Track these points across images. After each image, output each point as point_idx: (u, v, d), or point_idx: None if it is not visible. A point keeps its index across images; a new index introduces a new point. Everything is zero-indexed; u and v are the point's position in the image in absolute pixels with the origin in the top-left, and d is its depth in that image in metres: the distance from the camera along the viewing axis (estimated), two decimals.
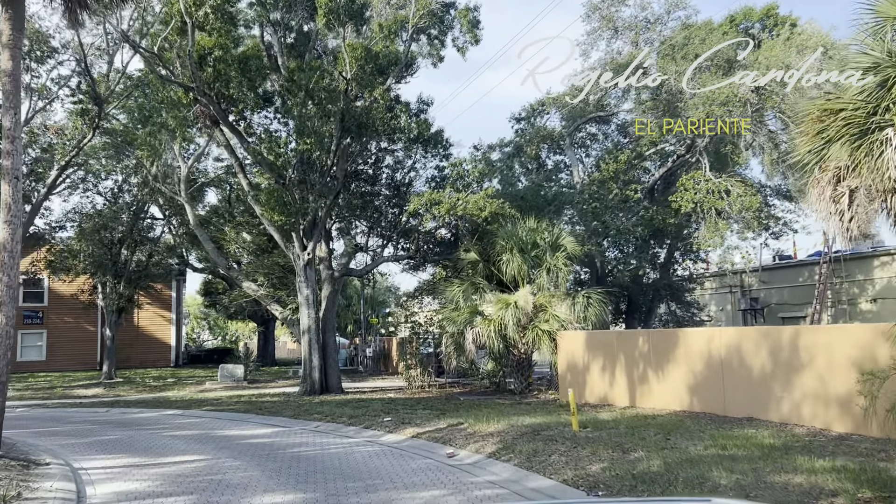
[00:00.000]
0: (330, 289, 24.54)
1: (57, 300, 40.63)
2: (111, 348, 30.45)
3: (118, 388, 26.93)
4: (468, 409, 16.65)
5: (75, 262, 30.37)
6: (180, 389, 26.15)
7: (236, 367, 27.38)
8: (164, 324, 43.41)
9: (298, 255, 23.06)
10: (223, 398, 22.32)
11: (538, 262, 20.14)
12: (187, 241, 33.51)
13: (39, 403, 22.25)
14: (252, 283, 29.31)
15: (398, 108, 21.93)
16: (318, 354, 22.93)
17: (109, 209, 30.54)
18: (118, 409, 20.16)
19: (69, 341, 40.67)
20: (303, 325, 23.14)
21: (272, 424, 15.67)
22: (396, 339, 32.40)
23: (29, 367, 39.49)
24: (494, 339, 18.79)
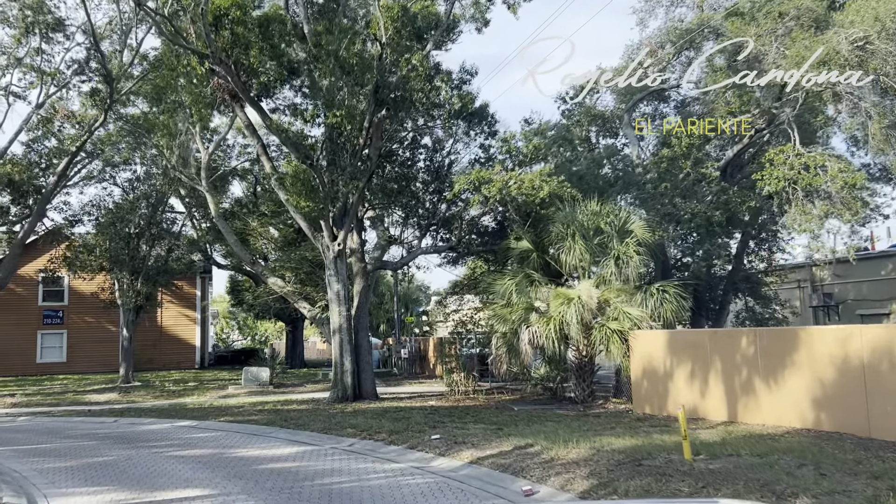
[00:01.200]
0: (362, 284, 22.08)
1: (77, 299, 38.83)
2: (128, 350, 28.37)
3: (134, 393, 24.80)
4: (528, 423, 14.05)
5: (91, 257, 28.34)
6: (200, 395, 23.92)
7: (261, 369, 25.09)
8: (189, 324, 41.43)
9: (328, 247, 20.65)
10: (245, 406, 19.99)
11: (602, 250, 17.45)
12: (211, 236, 31.37)
13: (45, 412, 20.13)
14: (278, 279, 27.03)
15: (439, 77, 19.36)
16: (350, 356, 20.50)
17: (126, 200, 28.45)
18: (128, 418, 17.91)
19: (90, 342, 38.84)
20: (333, 323, 20.73)
21: (299, 441, 13.21)
22: (433, 340, 29.89)
23: (49, 369, 37.76)
24: (554, 340, 16.15)
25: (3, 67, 25.31)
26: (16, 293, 38.29)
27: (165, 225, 29.77)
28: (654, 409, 14.93)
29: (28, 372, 37.27)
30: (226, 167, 29.79)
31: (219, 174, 28.58)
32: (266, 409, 18.92)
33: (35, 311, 38.65)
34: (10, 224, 26.40)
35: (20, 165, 25.46)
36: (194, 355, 41.22)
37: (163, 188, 27.89)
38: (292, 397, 22.26)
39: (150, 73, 24.87)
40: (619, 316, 16.16)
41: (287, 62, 18.79)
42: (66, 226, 30.32)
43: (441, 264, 25.35)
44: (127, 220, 27.37)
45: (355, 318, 21.34)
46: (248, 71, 18.80)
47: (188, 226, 34.37)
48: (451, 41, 19.06)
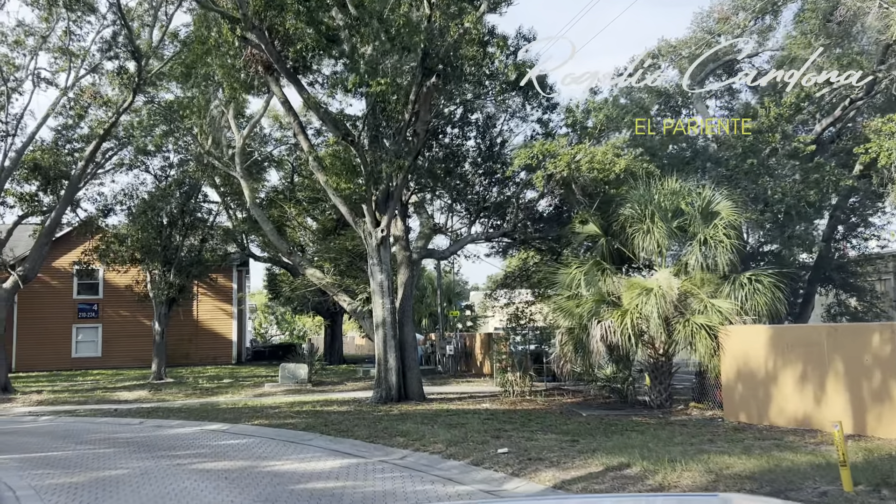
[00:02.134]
0: (407, 274, 20.26)
1: (112, 292, 37.89)
2: (160, 345, 27.07)
3: (165, 390, 23.41)
4: (606, 433, 12.06)
5: (122, 248, 27.08)
6: (234, 393, 22.40)
7: (299, 366, 23.48)
8: (225, 318, 40.22)
9: (370, 233, 18.87)
10: (281, 406, 18.34)
11: (682, 234, 15.32)
12: (247, 225, 29.87)
13: (70, 411, 18.77)
14: (317, 271, 25.40)
15: (493, 42, 17.36)
16: (394, 353, 18.70)
17: (158, 188, 27.12)
18: (154, 420, 16.38)
19: (124, 336, 37.87)
20: (376, 317, 18.95)
21: (341, 452, 11.41)
22: (480, 336, 27.97)
23: (84, 364, 36.90)
24: (630, 336, 14.09)
25: (31, 49, 24.10)
26: (50, 286, 37.54)
27: (199, 214, 28.35)
28: (752, 417, 12.79)
29: (63, 366, 36.45)
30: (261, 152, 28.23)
31: (253, 160, 27.04)
32: (304, 410, 17.22)
33: (70, 304, 37.82)
34: (41, 213, 25.18)
35: (48, 151, 24.24)
36: (231, 350, 40.01)
37: (196, 175, 26.47)
38: (332, 397, 20.57)
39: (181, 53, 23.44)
40: (707, 309, 14.04)
41: (325, 29, 17.00)
42: (99, 216, 29.13)
43: (490, 254, 23.45)
44: (159, 209, 26.01)
45: (400, 311, 19.53)
46: (283, 39, 17.09)
47: (222, 215, 33.08)
48: (507, 2, 17.04)
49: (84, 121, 24.66)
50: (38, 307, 36.99)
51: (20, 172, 25.10)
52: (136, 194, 28.47)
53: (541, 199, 18.03)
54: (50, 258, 37.28)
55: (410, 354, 19.61)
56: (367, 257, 19.16)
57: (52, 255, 37.27)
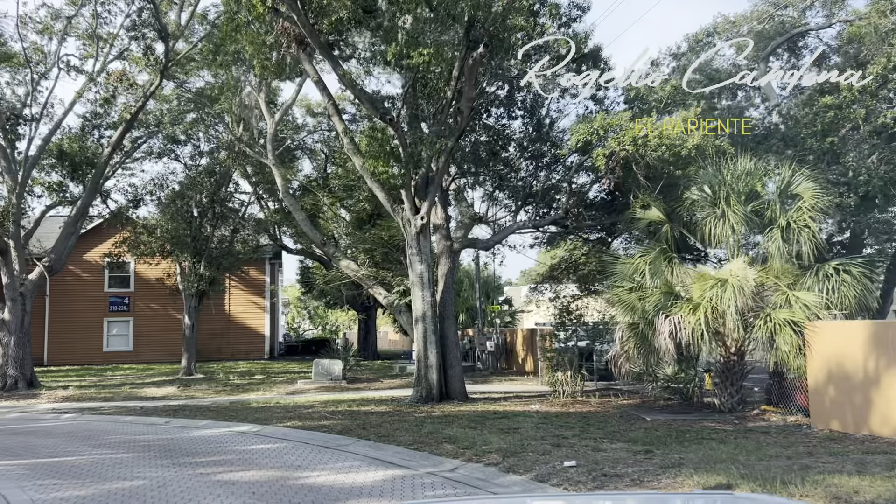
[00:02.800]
0: (448, 265, 18.94)
1: (143, 286, 37.26)
2: (191, 339, 26.17)
3: (195, 386, 22.45)
4: (681, 442, 10.63)
5: (151, 239, 26.23)
6: (266, 390, 21.33)
7: (333, 362, 22.34)
8: (258, 312, 39.35)
9: (409, 221, 17.60)
10: (315, 405, 17.17)
11: (758, 220, 13.75)
12: (279, 216, 28.86)
13: (94, 408, 17.84)
14: (351, 262, 24.23)
15: (544, 11, 15.91)
16: (435, 349, 17.42)
17: (188, 176, 26.19)
18: (181, 419, 15.32)
19: (155, 330, 37.19)
20: (416, 310, 17.68)
21: (383, 461, 10.14)
22: (522, 331, 26.57)
23: (115, 359, 36.30)
24: (703, 332, 12.59)
25: (58, 33, 23.29)
26: (82, 279, 37.05)
27: (230, 204, 27.37)
28: (847, 425, 11.22)
29: (95, 361, 35.92)
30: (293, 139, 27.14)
31: (285, 146, 25.95)
32: (339, 410, 16.02)
33: (101, 297, 37.27)
34: (69, 203, 24.40)
35: (75, 139, 23.43)
36: (263, 345, 39.15)
37: (227, 163, 25.48)
38: (368, 395, 19.37)
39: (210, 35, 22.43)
40: (789, 303, 12.47)
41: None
42: (129, 207, 28.33)
43: (534, 244, 22.01)
44: (188, 198, 25.08)
45: (440, 304, 18.23)
46: (317, 10, 15.84)
47: (254, 206, 32.15)
48: None
49: (111, 106, 23.78)
50: (70, 301, 36.51)
51: (46, 160, 24.38)
52: (166, 184, 27.62)
53: (598, 181, 16.49)
54: (81, 251, 36.83)
55: (452, 351, 18.31)
56: (404, 247, 17.90)
57: (83, 247, 36.80)
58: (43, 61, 23.25)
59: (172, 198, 25.70)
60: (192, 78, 26.80)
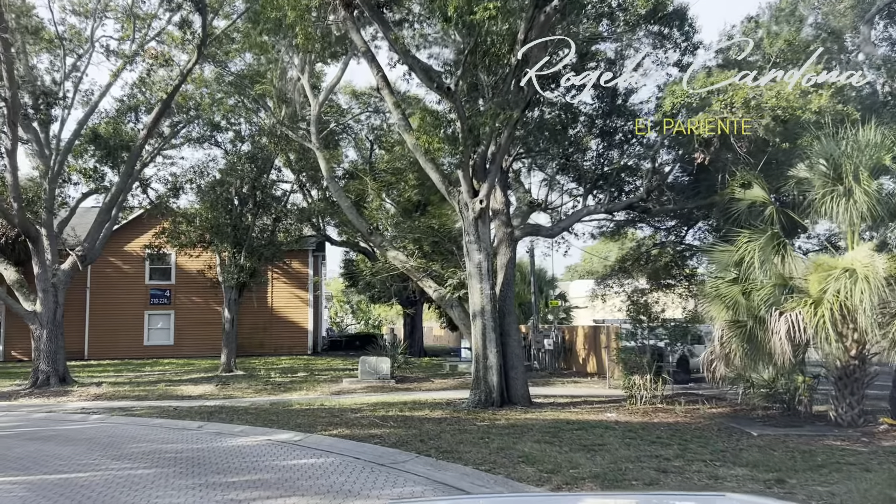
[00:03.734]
0: (508, 254, 17.06)
1: (185, 278, 36.27)
2: (230, 333, 24.80)
3: (234, 384, 21.05)
4: (812, 467, 8.66)
5: (190, 228, 24.95)
6: (309, 390, 19.79)
7: (380, 360, 20.68)
8: (301, 305, 38.06)
9: (466, 204, 15.78)
10: (363, 409, 15.50)
11: (886, 199, 11.56)
12: (323, 204, 27.32)
13: (126, 408, 16.49)
14: (399, 253, 22.54)
15: None
16: (495, 348, 15.59)
17: (228, 161, 24.82)
18: (215, 424, 13.79)
19: (197, 324, 36.17)
20: (473, 305, 15.87)
21: (451, 486, 8.34)
22: (583, 329, 24.54)
23: (156, 353, 35.39)
24: (829, 332, 10.48)
25: (95, 13, 22.07)
26: (122, 271, 36.23)
27: (272, 191, 25.92)
28: None
29: (136, 355, 35.05)
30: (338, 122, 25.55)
31: (329, 130, 24.36)
32: (391, 416, 14.31)
33: (142, 290, 36.39)
34: (105, 191, 23.22)
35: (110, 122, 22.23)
36: (306, 340, 37.84)
37: (269, 147, 24.00)
38: (420, 397, 17.63)
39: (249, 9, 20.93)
40: None
41: None
42: (168, 196, 27.13)
43: (601, 232, 19.94)
44: (228, 184, 23.69)
45: (500, 297, 16.38)
46: None
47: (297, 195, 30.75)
48: None
49: (147, 88, 22.47)
50: (111, 293, 35.72)
51: (80, 144, 23.25)
52: (207, 172, 26.33)
53: (685, 157, 14.37)
54: (121, 242, 36.00)
55: (513, 350, 16.45)
56: (456, 237, 16.08)
57: (124, 238, 35.97)
58: (78, 44, 22.12)
59: (212, 185, 24.36)
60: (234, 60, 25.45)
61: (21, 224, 18.69)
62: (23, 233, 19.51)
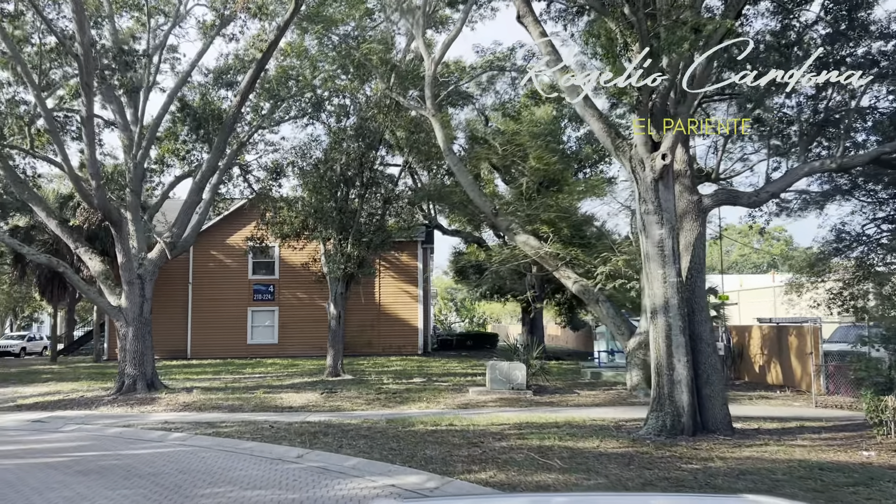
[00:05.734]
0: (696, 230, 12.83)
1: (288, 272, 33.93)
2: (337, 332, 21.73)
3: (341, 392, 17.89)
4: None
5: (291, 213, 22.11)
6: (430, 401, 16.30)
7: (513, 366, 16.92)
8: (410, 301, 34.93)
9: (641, 161, 11.80)
10: (507, 432, 11.79)
11: None
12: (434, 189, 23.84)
13: (214, 422, 13.51)
14: (531, 237, 18.78)
15: None
16: (684, 356, 11.52)
17: (332, 137, 21.79)
18: (319, 451, 10.46)
19: (301, 321, 33.73)
20: (653, 297, 11.83)
21: None
22: (761, 329, 19.84)
23: (259, 352, 33.22)
24: None
25: None
26: (225, 265, 34.30)
27: (381, 168, 22.65)
28: None
29: (238, 354, 33.01)
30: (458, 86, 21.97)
31: (452, 88, 20.82)
32: (549, 446, 10.51)
33: (245, 285, 34.32)
34: (195, 172, 20.66)
35: (199, 90, 19.65)
36: (416, 339, 34.66)
37: (378, 119, 20.73)
38: (573, 416, 13.71)
39: None
40: None
41: None
42: (269, 181, 24.48)
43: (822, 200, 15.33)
44: (333, 161, 20.62)
45: (687, 288, 12.22)
46: None
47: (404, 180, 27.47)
48: None
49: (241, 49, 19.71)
50: (213, 289, 33.86)
51: (169, 127, 20.87)
52: (308, 153, 23.45)
53: None
54: (223, 235, 34.05)
55: (707, 358, 12.23)
56: (638, 200, 12.03)
57: (226, 231, 34.02)
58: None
59: (315, 164, 21.41)
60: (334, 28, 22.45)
61: (101, 205, 16.22)
62: (103, 215, 17.11)
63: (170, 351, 32.53)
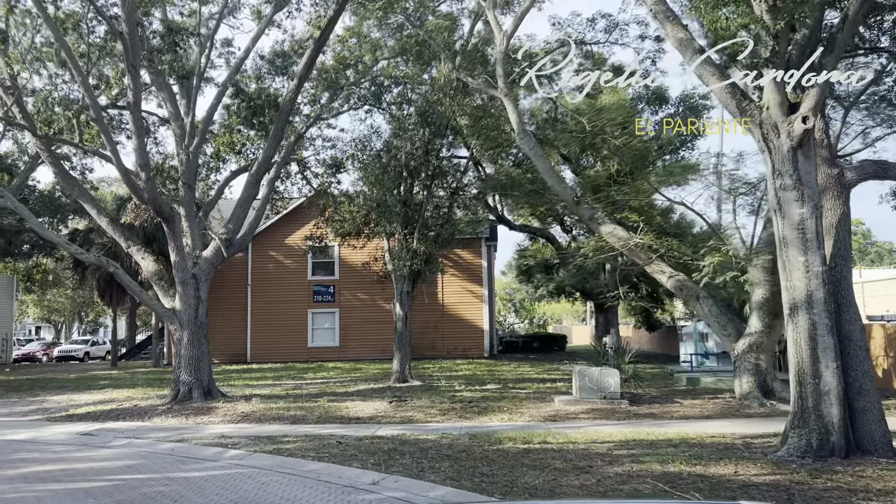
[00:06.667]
0: (839, 210, 10.72)
1: (348, 272, 32.65)
2: (403, 334, 20.14)
3: (412, 400, 16.27)
4: None
5: (352, 207, 20.67)
6: (512, 410, 14.52)
7: (606, 372, 14.98)
8: (474, 301, 33.22)
9: (775, 126, 9.83)
10: (617, 453, 9.92)
11: None
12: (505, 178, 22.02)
13: (275, 437, 12.04)
14: (618, 227, 16.91)
15: None
16: (832, 361, 9.49)
17: (395, 124, 20.24)
18: (397, 477, 8.82)
19: (361, 323, 32.43)
20: (793, 290, 9.80)
21: None
22: (885, 329, 17.40)
23: (320, 355, 32.03)
24: None
25: None
26: (284, 266, 33.25)
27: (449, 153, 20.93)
28: None
29: (299, 357, 31.88)
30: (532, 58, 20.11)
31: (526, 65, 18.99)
32: (676, 472, 8.60)
33: (305, 286, 33.19)
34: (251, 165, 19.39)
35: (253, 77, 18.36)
36: (482, 341, 32.92)
37: (444, 102, 19.05)
38: (685, 432, 11.74)
39: None
40: None
41: None
42: (328, 176, 23.14)
43: None
44: (397, 149, 19.06)
45: (831, 279, 10.12)
46: None
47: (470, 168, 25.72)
48: None
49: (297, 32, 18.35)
50: (272, 291, 32.85)
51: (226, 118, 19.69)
52: (369, 144, 21.99)
53: None
54: (282, 234, 33.01)
55: (859, 364, 10.13)
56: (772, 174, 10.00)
57: (284, 230, 32.98)
58: None
59: (377, 154, 19.90)
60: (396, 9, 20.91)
61: (151, 199, 15.00)
62: (154, 211, 15.92)
63: (229, 355, 31.65)
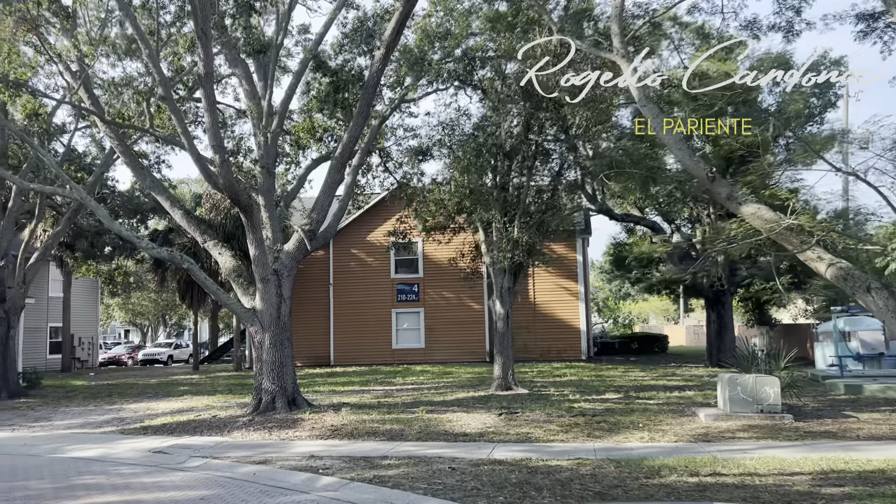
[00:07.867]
0: None
1: (433, 269, 30.74)
2: (505, 335, 17.89)
3: (523, 412, 14.04)
4: None
5: (442, 195, 18.61)
6: (650, 429, 12.07)
7: (762, 380, 12.35)
8: (569, 299, 30.71)
9: None
10: (819, 490, 7.41)
11: None
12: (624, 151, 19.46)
13: (371, 458, 10.02)
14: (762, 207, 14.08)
15: None
16: None
17: (493, 95, 18.02)
18: None
19: (447, 323, 30.48)
20: None
21: None
22: None
23: (405, 357, 30.24)
24: None
25: None
26: (366, 264, 31.62)
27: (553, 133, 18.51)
28: None
29: (383, 359, 30.17)
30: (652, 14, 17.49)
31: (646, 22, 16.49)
32: None
33: (388, 285, 31.46)
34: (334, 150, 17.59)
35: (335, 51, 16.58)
36: (579, 343, 30.39)
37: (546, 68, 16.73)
38: (889, 456, 9.05)
39: None
40: None
41: None
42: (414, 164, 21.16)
43: None
44: (495, 125, 16.87)
45: None
46: None
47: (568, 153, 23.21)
48: None
49: None
50: (355, 289, 31.30)
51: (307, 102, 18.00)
52: (458, 126, 19.89)
53: None
54: (363, 231, 31.41)
55: None
56: None
57: (366, 226, 31.36)
58: None
59: (472, 132, 17.79)
60: None
61: (226, 185, 13.34)
62: (230, 198, 14.33)
63: (312, 358, 30.28)
